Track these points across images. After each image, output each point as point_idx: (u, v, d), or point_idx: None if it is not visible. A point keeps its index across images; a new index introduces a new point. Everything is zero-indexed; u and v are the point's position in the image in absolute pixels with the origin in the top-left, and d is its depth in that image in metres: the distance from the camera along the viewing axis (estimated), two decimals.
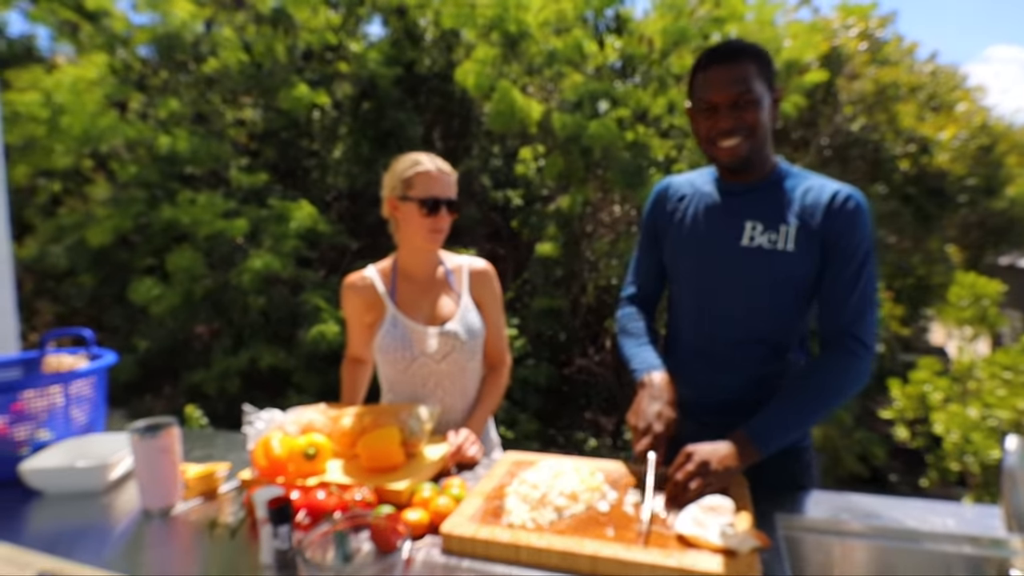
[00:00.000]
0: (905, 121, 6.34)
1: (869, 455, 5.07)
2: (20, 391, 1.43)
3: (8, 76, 5.02)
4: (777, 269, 1.26)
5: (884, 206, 6.69)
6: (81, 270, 6.39)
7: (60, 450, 1.45)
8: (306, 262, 6.62)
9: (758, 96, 1.21)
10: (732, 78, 1.20)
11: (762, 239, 1.26)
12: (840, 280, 1.23)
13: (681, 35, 5.84)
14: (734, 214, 1.31)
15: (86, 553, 1.09)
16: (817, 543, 1.16)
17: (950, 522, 1.13)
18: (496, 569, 0.99)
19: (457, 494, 1.17)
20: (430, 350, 1.56)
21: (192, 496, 1.28)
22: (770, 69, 1.25)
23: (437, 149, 7.86)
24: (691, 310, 1.38)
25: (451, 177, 1.60)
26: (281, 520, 0.95)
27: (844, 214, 1.22)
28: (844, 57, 6.50)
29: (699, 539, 0.97)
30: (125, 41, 5.87)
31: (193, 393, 6.08)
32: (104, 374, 1.63)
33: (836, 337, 1.23)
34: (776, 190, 1.29)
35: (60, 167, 5.65)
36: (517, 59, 6.35)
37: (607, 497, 1.15)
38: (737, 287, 1.29)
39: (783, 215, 1.26)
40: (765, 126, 1.24)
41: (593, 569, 0.96)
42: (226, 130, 7.03)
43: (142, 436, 1.19)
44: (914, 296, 6.73)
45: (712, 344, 1.35)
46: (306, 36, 6.47)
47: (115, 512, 1.26)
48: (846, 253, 1.22)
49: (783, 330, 1.30)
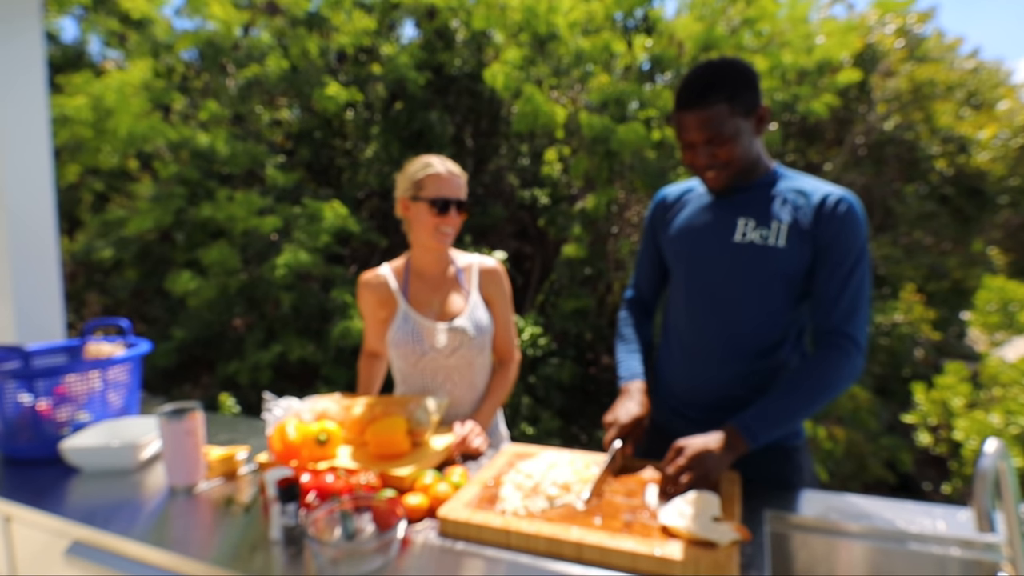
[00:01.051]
0: (942, 120, 6.13)
1: (896, 461, 4.96)
2: (63, 376, 1.56)
3: (60, 81, 5.30)
4: (769, 264, 1.29)
5: (920, 207, 6.47)
6: (126, 264, 6.69)
7: (97, 431, 1.56)
8: (338, 259, 6.80)
9: (730, 134, 1.25)
10: (702, 122, 1.25)
11: (754, 235, 1.30)
12: (832, 280, 1.25)
13: (712, 41, 5.79)
14: (726, 212, 1.36)
15: (116, 525, 1.19)
16: (803, 541, 1.19)
17: (941, 524, 1.14)
18: (488, 552, 1.05)
19: (457, 481, 1.24)
20: (439, 345, 1.63)
21: (214, 476, 1.38)
22: (748, 94, 1.26)
23: (467, 148, 7.93)
24: (685, 306, 1.43)
25: (461, 179, 1.66)
26: (289, 499, 1.03)
27: (836, 216, 1.25)
28: (879, 54, 6.32)
29: (681, 530, 1.02)
30: (169, 46, 6.12)
31: (228, 383, 6.31)
32: (139, 361, 1.75)
33: (828, 335, 1.26)
34: (768, 190, 1.34)
35: (107, 167, 5.93)
36: (546, 60, 6.38)
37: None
38: (729, 282, 1.34)
39: (775, 212, 1.30)
40: (744, 154, 1.29)
41: (578, 555, 1.01)
42: (263, 131, 7.26)
43: (169, 419, 1.29)
44: (949, 299, 6.49)
45: (704, 339, 1.39)
46: (340, 39, 6.63)
47: (145, 489, 1.36)
48: (838, 254, 1.25)
49: (773, 326, 1.33)
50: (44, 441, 1.53)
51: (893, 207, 6.76)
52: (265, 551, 1.07)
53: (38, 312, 2.08)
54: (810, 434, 3.98)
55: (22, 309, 2.03)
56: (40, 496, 1.34)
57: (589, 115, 5.83)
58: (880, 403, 5.28)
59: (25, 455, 1.55)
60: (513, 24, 6.17)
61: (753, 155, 1.32)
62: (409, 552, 1.06)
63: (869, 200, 7.32)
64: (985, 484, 0.85)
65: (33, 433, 1.52)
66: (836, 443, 4.74)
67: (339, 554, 0.97)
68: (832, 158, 6.83)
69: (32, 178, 2.09)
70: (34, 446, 1.53)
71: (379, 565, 0.98)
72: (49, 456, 1.51)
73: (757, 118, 1.29)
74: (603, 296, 7.52)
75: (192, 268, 5.85)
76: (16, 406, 1.53)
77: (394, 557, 1.01)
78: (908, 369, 5.70)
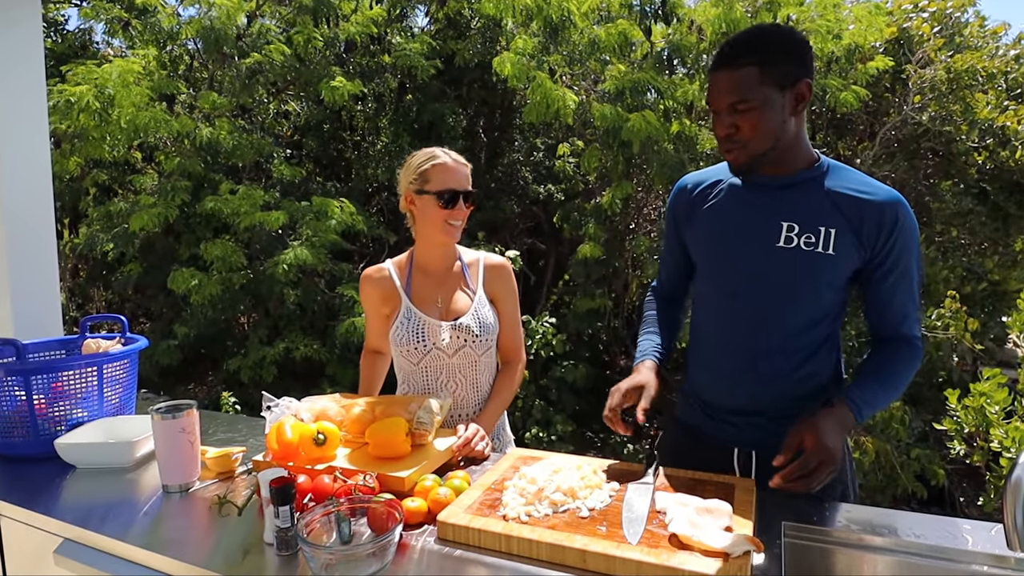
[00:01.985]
0: (982, 112, 5.85)
1: (928, 473, 4.78)
2: (59, 372, 1.53)
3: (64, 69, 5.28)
4: (814, 272, 1.22)
5: (957, 204, 6.19)
6: (128, 259, 6.68)
7: (93, 428, 1.53)
8: (345, 255, 6.75)
9: (757, 102, 1.16)
10: (728, 85, 1.18)
11: (800, 240, 1.22)
12: (898, 289, 1.24)
13: (733, 26, 5.61)
14: (768, 211, 1.26)
15: (108, 525, 1.16)
16: (822, 553, 1.14)
17: (970, 540, 1.09)
18: (488, 559, 1.01)
19: (458, 486, 1.20)
20: (443, 343, 1.59)
21: (210, 476, 1.34)
22: (785, 63, 1.17)
23: (480, 141, 7.86)
24: (716, 309, 1.36)
25: (466, 169, 1.61)
26: (283, 500, 1.00)
27: (897, 226, 1.20)
28: (915, 42, 6.07)
29: (692, 540, 0.97)
30: (172, 35, 6.06)
31: (231, 381, 6.29)
32: (136, 358, 1.72)
33: (890, 338, 1.27)
34: (815, 188, 1.24)
35: (109, 158, 5.89)
36: (559, 48, 6.26)
37: (605, 495, 1.15)
38: (769, 290, 1.26)
39: (823, 215, 1.22)
40: (770, 131, 1.19)
41: (583, 564, 0.97)
42: (269, 123, 7.22)
43: (163, 416, 1.26)
44: (986, 302, 6.22)
45: (736, 344, 1.32)
46: (348, 27, 6.56)
47: (138, 488, 1.33)
48: (901, 263, 1.22)
49: (812, 333, 1.28)
50: (39, 438, 1.50)
51: (928, 204, 6.53)
52: (259, 554, 1.03)
53: (35, 307, 2.06)
54: None
55: (19, 304, 2.00)
56: (32, 494, 1.31)
57: (601, 105, 5.69)
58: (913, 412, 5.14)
59: (19, 452, 1.52)
60: (524, 11, 6.04)
61: (787, 137, 1.21)
62: (406, 557, 1.02)
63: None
64: (1018, 497, 0.80)
65: (28, 430, 1.50)
66: (865, 454, 4.61)
67: (333, 558, 0.94)
68: (862, 152, 6.62)
69: (30, 171, 2.06)
70: (28, 443, 1.50)
71: (375, 570, 0.95)
72: (43, 453, 1.48)
73: (796, 94, 1.19)
74: (619, 296, 7.40)
75: (196, 263, 5.83)
76: (11, 402, 1.50)
77: (390, 562, 0.98)
78: (944, 375, 5.52)
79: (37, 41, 2.05)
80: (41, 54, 2.08)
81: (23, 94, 2.02)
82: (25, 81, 2.03)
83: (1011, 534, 0.81)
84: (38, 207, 2.08)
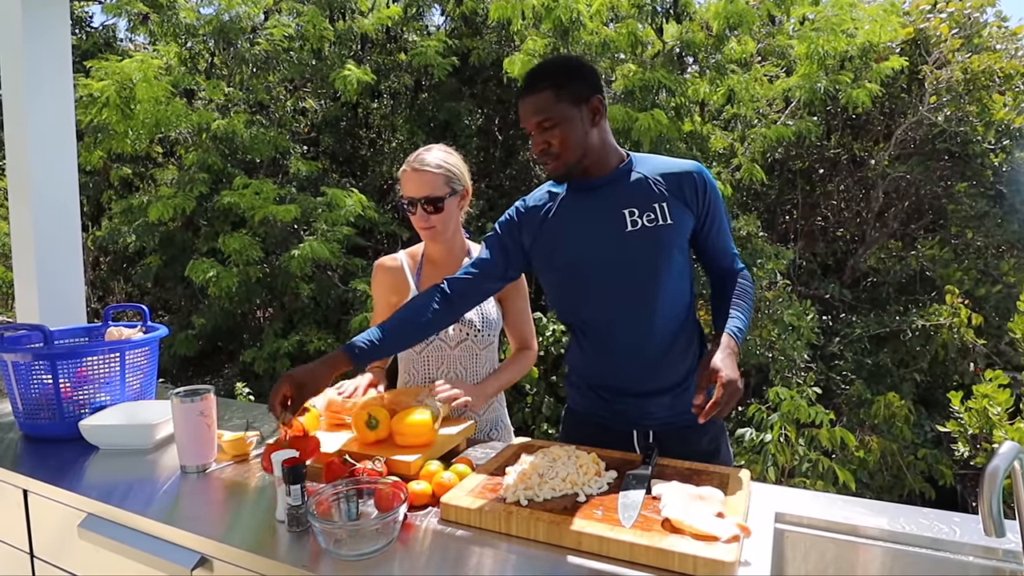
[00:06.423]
0: (998, 112, 5.78)
1: (935, 474, 4.75)
2: (83, 357, 1.60)
3: (88, 64, 5.40)
4: (665, 242, 1.39)
5: (972, 206, 6.13)
6: (148, 252, 6.81)
7: (115, 411, 1.60)
8: (360, 251, 6.82)
9: (558, 119, 1.32)
10: (533, 107, 1.34)
11: (643, 220, 1.38)
12: (721, 235, 1.47)
13: (738, 18, 5.59)
14: (607, 208, 1.40)
15: (129, 501, 1.22)
16: (813, 542, 1.18)
17: (959, 530, 1.12)
18: (487, 539, 1.06)
19: (462, 471, 1.25)
20: (446, 335, 1.64)
21: (226, 459, 1.41)
22: (576, 83, 1.34)
23: (495, 140, 7.89)
24: (591, 303, 1.44)
25: (433, 174, 1.57)
26: (294, 479, 1.05)
27: (706, 184, 1.42)
28: (932, 43, 6.00)
29: (683, 524, 1.01)
30: (192, 30, 6.15)
31: (246, 373, 6.39)
32: (156, 346, 1.79)
33: (728, 273, 1.49)
34: (634, 176, 1.41)
35: (131, 152, 6.02)
36: (569, 49, 6.28)
37: (603, 483, 1.19)
38: (635, 270, 1.39)
39: (650, 194, 1.39)
40: (577, 143, 1.35)
41: (578, 545, 1.01)
42: (286, 119, 7.31)
43: (182, 400, 1.32)
44: (1000, 305, 6.12)
45: (618, 329, 1.42)
46: (362, 23, 6.61)
47: (158, 468, 1.40)
48: (718, 214, 1.44)
49: (681, 295, 1.45)
50: (64, 420, 1.57)
51: (944, 206, 6.46)
52: (271, 530, 1.09)
53: (61, 296, 2.14)
54: (838, 441, 3.87)
55: (45, 292, 2.08)
56: (58, 472, 1.38)
57: (611, 105, 5.72)
58: (924, 414, 5.10)
59: (46, 433, 1.59)
60: (532, 13, 6.07)
61: (594, 145, 1.37)
62: (411, 536, 1.07)
63: (917, 198, 6.92)
64: (994, 485, 0.83)
65: (54, 412, 1.57)
66: (870, 453, 4.58)
67: (341, 534, 0.99)
68: (878, 153, 6.54)
69: (58, 165, 2.14)
70: (54, 424, 1.58)
71: (380, 546, 1.00)
72: (68, 434, 1.55)
73: (591, 109, 1.36)
74: None
75: (215, 256, 5.93)
76: (38, 386, 1.57)
77: (395, 539, 1.03)
78: (956, 378, 5.47)
79: (65, 42, 2.13)
80: (68, 51, 2.16)
81: (52, 94, 2.10)
82: (55, 81, 2.11)
83: (987, 521, 0.84)
84: (65, 199, 2.16)
